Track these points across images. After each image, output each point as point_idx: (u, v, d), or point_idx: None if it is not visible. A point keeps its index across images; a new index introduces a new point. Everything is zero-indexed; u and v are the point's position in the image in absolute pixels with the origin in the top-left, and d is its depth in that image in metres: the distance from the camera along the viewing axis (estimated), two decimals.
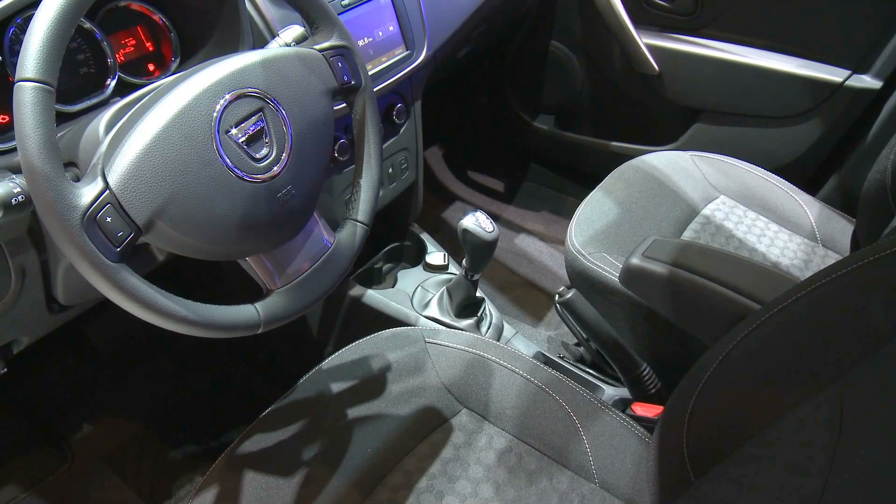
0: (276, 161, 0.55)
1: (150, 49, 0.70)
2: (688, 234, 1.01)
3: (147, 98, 0.51)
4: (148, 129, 0.47)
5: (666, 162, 1.12)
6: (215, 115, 0.50)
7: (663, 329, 0.90)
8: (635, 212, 1.03)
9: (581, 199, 1.08)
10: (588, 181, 1.24)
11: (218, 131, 0.50)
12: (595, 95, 1.52)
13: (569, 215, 1.12)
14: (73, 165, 0.52)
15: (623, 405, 0.97)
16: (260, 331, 0.56)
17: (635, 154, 1.19)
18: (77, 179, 0.50)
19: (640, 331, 0.94)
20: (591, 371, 1.10)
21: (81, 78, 0.64)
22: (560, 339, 1.34)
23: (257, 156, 0.53)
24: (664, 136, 1.43)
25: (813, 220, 1.02)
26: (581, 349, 1.22)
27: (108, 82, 0.65)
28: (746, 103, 1.28)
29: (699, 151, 1.16)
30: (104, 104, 0.63)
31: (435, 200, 1.77)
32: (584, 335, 0.96)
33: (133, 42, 0.69)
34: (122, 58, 0.68)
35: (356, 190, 0.68)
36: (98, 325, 1.21)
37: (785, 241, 0.99)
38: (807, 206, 1.05)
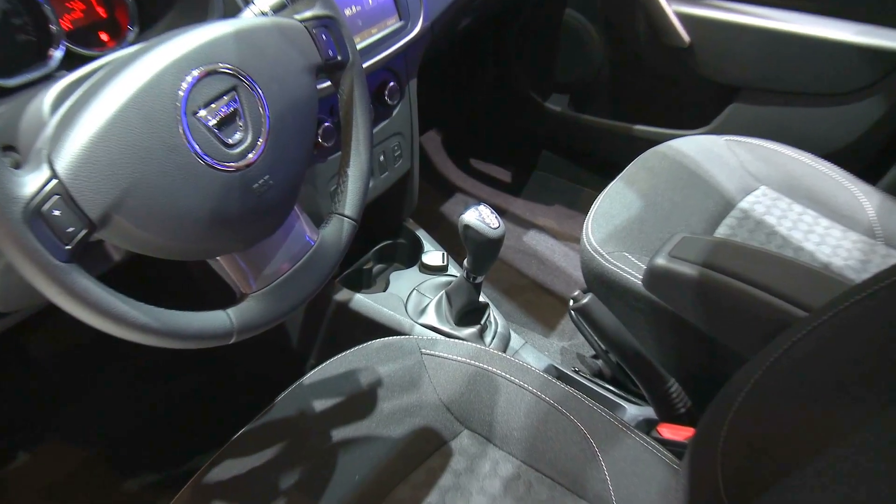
0: (252, 147, 0.55)
1: (103, 15, 0.69)
2: (722, 231, 1.01)
3: (101, 73, 0.50)
4: (103, 110, 0.47)
5: (697, 148, 1.12)
6: (181, 94, 0.50)
7: (693, 339, 0.90)
8: (661, 205, 1.03)
9: (599, 190, 1.08)
10: (607, 170, 1.25)
11: (184, 113, 0.50)
12: (616, 72, 1.52)
13: (585, 209, 1.14)
14: (11, 150, 0.51)
15: (648, 426, 0.97)
16: (233, 340, 0.56)
17: (662, 139, 1.20)
18: (17, 166, 0.49)
19: (666, 341, 0.94)
20: (610, 387, 1.10)
21: (20, 47, 0.63)
22: (575, 351, 1.34)
23: (230, 141, 0.53)
24: (696, 119, 1.43)
25: (872, 214, 1.00)
26: (599, 362, 1.23)
27: (51, 53, 0.64)
28: (793, 79, 1.26)
29: (736, 136, 1.16)
30: (48, 79, 0.62)
31: (432, 192, 1.77)
32: (602, 346, 0.96)
33: (81, 6, 0.67)
34: (70, 24, 0.67)
35: (343, 180, 0.68)
36: (41, 334, 1.21)
37: (838, 239, 0.97)
38: (864, 198, 1.02)
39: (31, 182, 0.44)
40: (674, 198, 1.04)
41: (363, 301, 1.09)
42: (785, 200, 1.04)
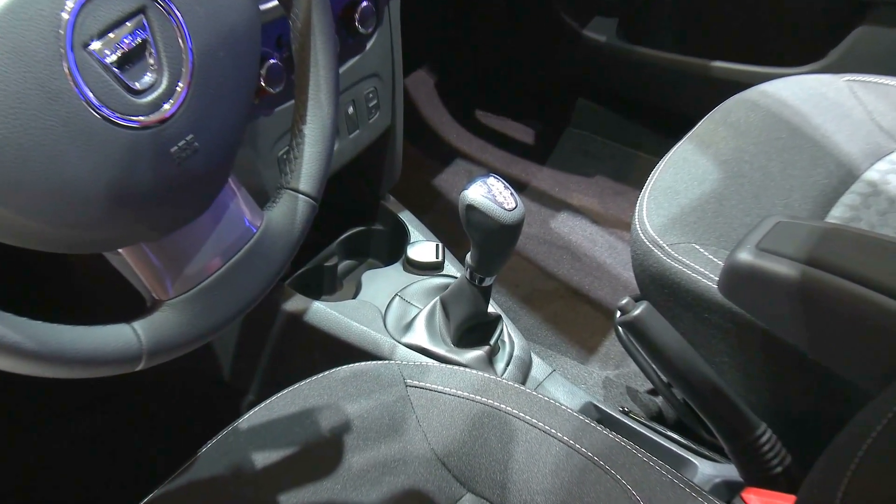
0: (168, 95, 0.55)
1: None
2: (838, 213, 1.01)
3: None
4: None
5: (804, 92, 1.12)
6: (65, 17, 0.50)
7: (793, 368, 0.90)
8: (748, 176, 1.03)
9: (658, 155, 1.08)
10: (670, 126, 1.25)
11: (70, 45, 0.50)
12: None
13: (639, 183, 1.12)
14: None
15: (729, 491, 0.98)
16: (141, 366, 0.57)
17: (751, 81, 1.20)
18: None
19: (754, 370, 0.95)
20: (674, 435, 1.11)
21: None
22: (624, 383, 1.35)
23: (137, 86, 0.53)
24: (801, 51, 1.43)
25: None
26: (658, 399, 1.23)
27: None
28: None
29: (862, 74, 1.15)
30: None
31: (422, 159, 1.77)
32: (662, 376, 0.97)
33: None
34: None
35: (297, 142, 0.69)
36: None
37: None
38: None
39: None
40: (767, 166, 1.04)
41: (323, 312, 1.09)
42: None
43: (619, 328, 0.96)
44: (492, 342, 1.07)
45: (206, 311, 0.62)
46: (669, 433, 1.11)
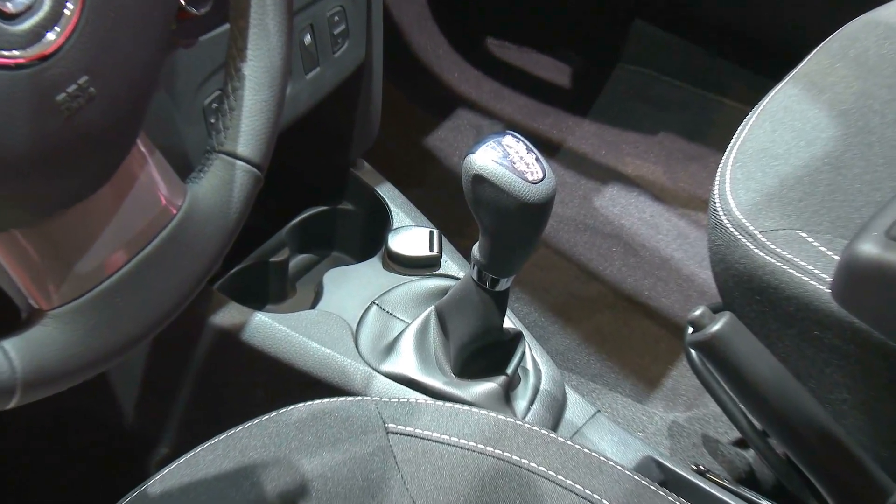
0: (53, 20, 0.55)
1: None
2: None
3: None
4: None
5: None
6: None
7: None
8: (878, 133, 1.04)
9: (749, 103, 1.08)
10: (767, 60, 1.27)
11: None
12: None
13: (720, 143, 1.13)
14: None
15: None
16: (14, 402, 0.57)
17: None
18: None
19: (885, 411, 0.95)
20: None
21: None
22: (698, 431, 1.35)
23: (8, 7, 0.54)
24: None
25: None
26: (749, 454, 1.22)
27: None
28: None
29: None
30: None
31: (409, 109, 1.79)
32: (753, 421, 0.97)
33: None
34: None
35: (233, 87, 0.70)
36: None
37: None
38: None
39: None
40: None
41: (269, 328, 1.09)
42: None
43: (692, 351, 0.98)
44: (509, 371, 1.06)
45: (104, 325, 0.62)
46: (764, 502, 1.11)
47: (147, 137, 0.66)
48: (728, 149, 1.06)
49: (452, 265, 1.21)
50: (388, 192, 1.28)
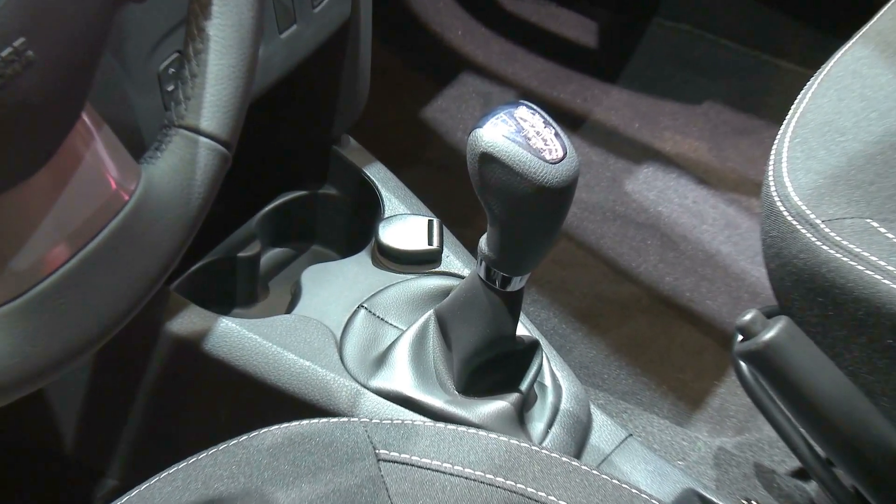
0: None
1: None
2: None
3: None
4: None
5: None
6: None
7: None
8: None
9: (810, 67, 1.07)
10: (831, 16, 1.23)
11: None
12: None
13: (776, 115, 1.11)
14: None
15: None
16: None
17: None
18: None
19: None
20: None
21: None
22: (750, 458, 1.33)
23: None
24: None
25: None
26: (809, 486, 1.22)
27: None
28: None
29: None
30: None
31: (404, 74, 1.80)
32: (815, 446, 0.96)
33: None
34: None
35: (195, 49, 0.69)
36: None
37: None
38: None
39: None
40: None
41: (237, 336, 1.07)
42: None
43: (742, 363, 0.97)
44: (523, 387, 1.03)
45: (42, 332, 0.61)
46: None
47: (93, 109, 0.66)
48: (785, 122, 1.03)
49: (455, 261, 1.18)
50: (378, 174, 1.24)
